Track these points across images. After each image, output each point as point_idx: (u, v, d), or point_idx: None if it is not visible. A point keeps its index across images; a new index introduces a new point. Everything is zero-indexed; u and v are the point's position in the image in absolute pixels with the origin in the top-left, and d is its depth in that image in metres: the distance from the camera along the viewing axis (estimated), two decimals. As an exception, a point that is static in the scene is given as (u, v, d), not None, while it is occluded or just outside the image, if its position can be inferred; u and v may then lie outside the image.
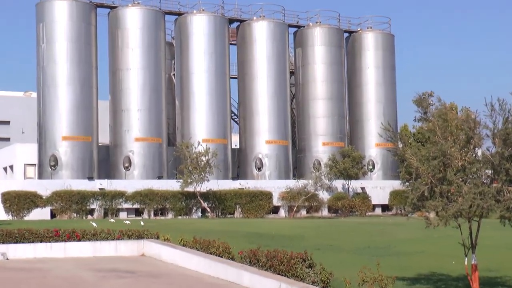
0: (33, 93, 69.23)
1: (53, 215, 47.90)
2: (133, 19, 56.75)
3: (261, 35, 61.09)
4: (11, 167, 58.12)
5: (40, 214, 47.00)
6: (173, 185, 50.62)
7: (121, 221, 36.30)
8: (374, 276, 15.89)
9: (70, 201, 47.90)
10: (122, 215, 49.24)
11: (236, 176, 59.91)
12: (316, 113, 63.00)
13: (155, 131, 56.12)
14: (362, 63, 66.19)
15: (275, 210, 55.28)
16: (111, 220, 40.40)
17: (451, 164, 16.08)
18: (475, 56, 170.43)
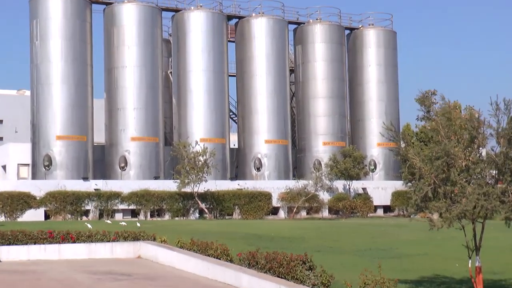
0: (26, 92, 68.78)
1: (47, 216, 47.33)
2: (129, 16, 56.12)
3: (260, 32, 60.42)
4: (4, 167, 57.59)
5: (34, 215, 46.29)
6: (170, 185, 49.91)
7: (117, 223, 36.06)
8: (375, 278, 15.85)
9: (64, 202, 47.31)
10: (118, 216, 48.73)
11: (234, 176, 59.50)
12: (316, 111, 62.28)
13: (152, 130, 55.50)
14: (363, 60, 65.42)
15: (275, 211, 54.62)
16: (107, 221, 39.83)
17: (455, 164, 16.12)
18: (475, 56, 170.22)
